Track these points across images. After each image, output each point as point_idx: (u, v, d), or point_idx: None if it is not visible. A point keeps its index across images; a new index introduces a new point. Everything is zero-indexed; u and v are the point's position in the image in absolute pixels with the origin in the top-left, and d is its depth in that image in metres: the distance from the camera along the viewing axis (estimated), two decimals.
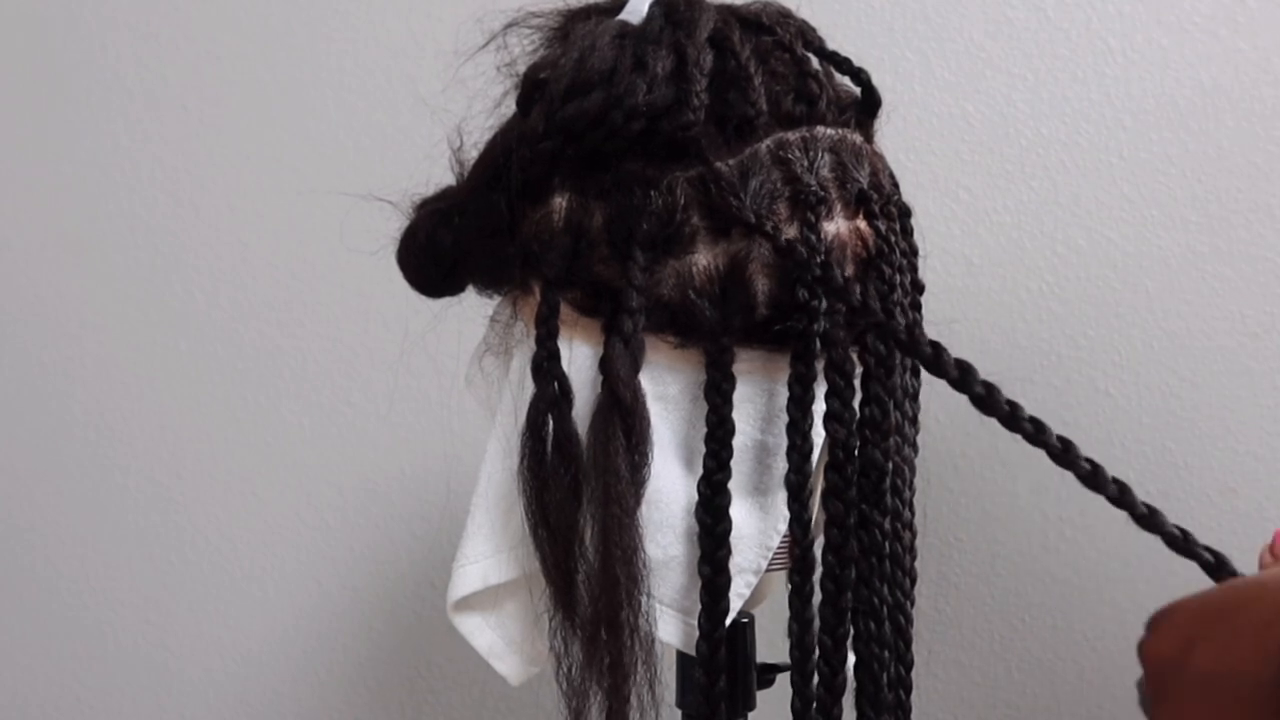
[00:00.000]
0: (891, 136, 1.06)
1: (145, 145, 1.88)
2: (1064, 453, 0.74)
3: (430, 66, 1.72)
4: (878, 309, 0.88)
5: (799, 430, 0.90)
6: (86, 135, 1.90)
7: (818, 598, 0.92)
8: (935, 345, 0.80)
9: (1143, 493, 1.56)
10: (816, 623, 0.92)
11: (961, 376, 0.77)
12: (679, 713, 1.08)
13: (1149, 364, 1.62)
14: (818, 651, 0.91)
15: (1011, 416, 0.76)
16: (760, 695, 1.08)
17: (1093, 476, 0.73)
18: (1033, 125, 1.64)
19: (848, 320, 0.90)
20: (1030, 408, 0.81)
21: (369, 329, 1.83)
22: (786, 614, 0.93)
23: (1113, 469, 1.59)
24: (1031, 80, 1.64)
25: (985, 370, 0.82)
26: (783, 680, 0.97)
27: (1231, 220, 1.59)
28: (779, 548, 0.96)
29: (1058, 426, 1.58)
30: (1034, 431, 0.75)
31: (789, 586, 0.93)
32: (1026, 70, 1.64)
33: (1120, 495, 0.72)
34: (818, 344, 0.89)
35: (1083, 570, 1.67)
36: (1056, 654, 1.69)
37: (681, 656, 1.05)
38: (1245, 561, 1.58)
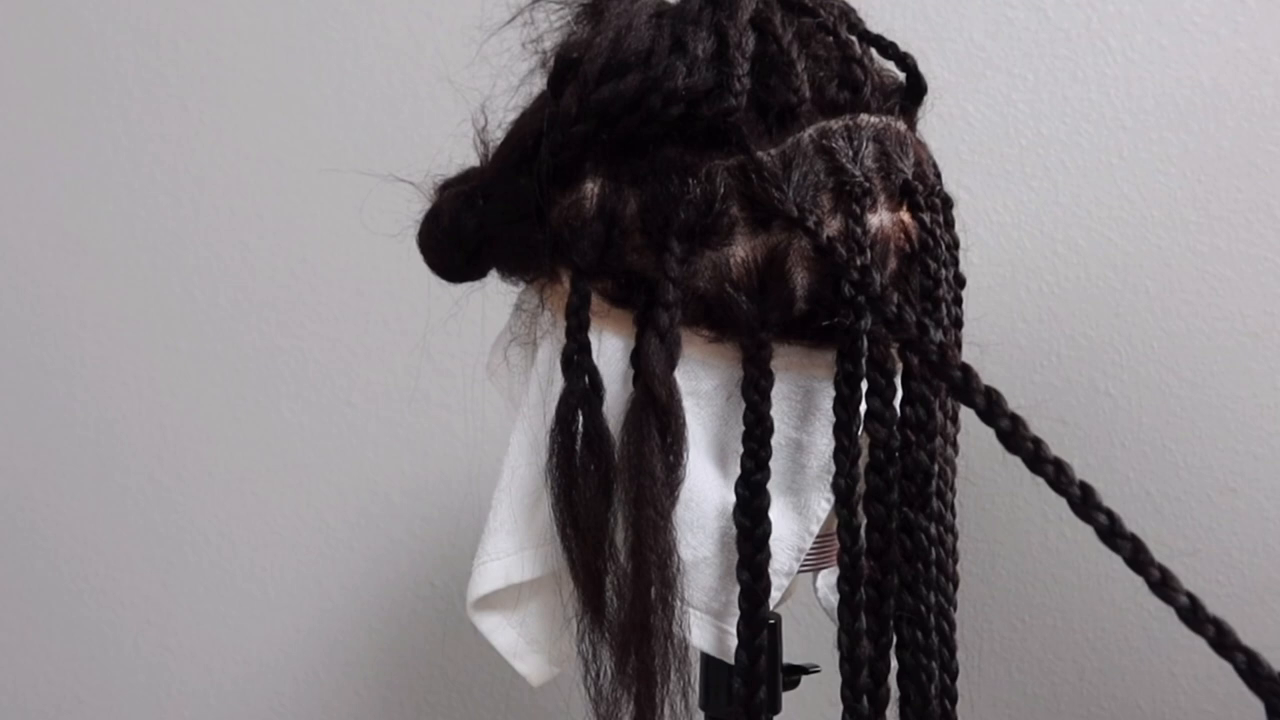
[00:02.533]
0: None
1: (145, 145, 1.87)
2: (1082, 503, 0.68)
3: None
4: (912, 322, 0.82)
5: (847, 431, 0.85)
6: (87, 135, 1.89)
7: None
8: (965, 368, 0.74)
9: (1142, 492, 1.53)
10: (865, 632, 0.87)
11: (988, 407, 0.71)
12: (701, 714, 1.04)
13: (1149, 364, 1.60)
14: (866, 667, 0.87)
15: (1035, 456, 0.69)
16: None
17: (1109, 531, 0.66)
18: (1033, 125, 1.62)
19: (885, 325, 0.85)
20: (1030, 408, 0.75)
21: (369, 329, 1.81)
22: (803, 612, 0.88)
23: (1113, 469, 1.55)
24: (1031, 80, 1.62)
25: (985, 371, 0.76)
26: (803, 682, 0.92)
27: (1231, 220, 1.58)
28: (812, 550, 0.92)
29: (1058, 426, 1.55)
30: (1054, 474, 0.68)
31: (820, 591, 0.90)
32: (1026, 70, 1.63)
33: (1134, 554, 0.66)
34: (864, 342, 0.84)
35: (1083, 570, 1.64)
36: (1056, 654, 1.67)
37: (705, 659, 1.00)
38: (1246, 560, 1.56)
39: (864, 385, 0.86)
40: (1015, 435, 0.70)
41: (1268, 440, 1.58)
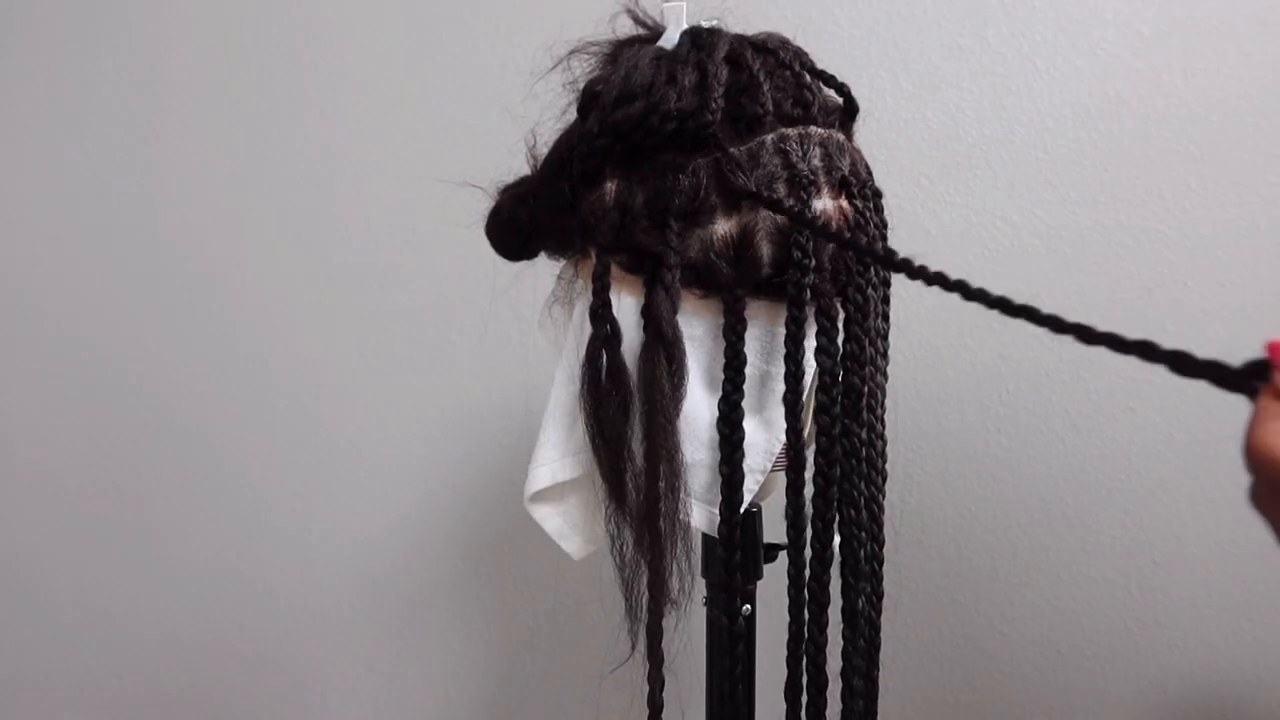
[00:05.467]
0: (868, 135, 1.05)
1: (305, 146, 1.93)
2: (979, 293, 0.72)
3: (512, 83, 1.75)
4: (851, 237, 0.89)
5: (795, 361, 0.91)
6: (270, 141, 1.95)
7: (809, 491, 0.93)
8: (888, 250, 0.80)
9: (1060, 410, 1.55)
10: (809, 509, 0.93)
11: (900, 262, 0.76)
12: (703, 581, 1.10)
13: (1065, 312, 1.60)
14: (810, 531, 0.93)
15: (926, 276, 0.74)
16: (766, 568, 1.10)
17: (1050, 321, 0.69)
18: (977, 127, 1.63)
19: (834, 258, 0.92)
20: (975, 344, 0.81)
21: (464, 286, 1.86)
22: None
23: (1039, 391, 1.58)
24: (976, 92, 1.63)
25: (939, 317, 0.82)
26: (783, 556, 0.98)
27: (1130, 200, 1.59)
28: (779, 454, 0.96)
29: (996, 361, 1.58)
30: (971, 291, 0.73)
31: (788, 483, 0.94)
32: (972, 84, 1.63)
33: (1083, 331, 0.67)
34: (808, 294, 0.90)
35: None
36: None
37: (706, 538, 1.06)
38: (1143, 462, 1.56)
39: (814, 328, 0.91)
40: (911, 269, 0.75)
41: (1156, 371, 1.60)
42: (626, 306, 0.94)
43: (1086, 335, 0.64)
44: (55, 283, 2.05)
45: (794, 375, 0.92)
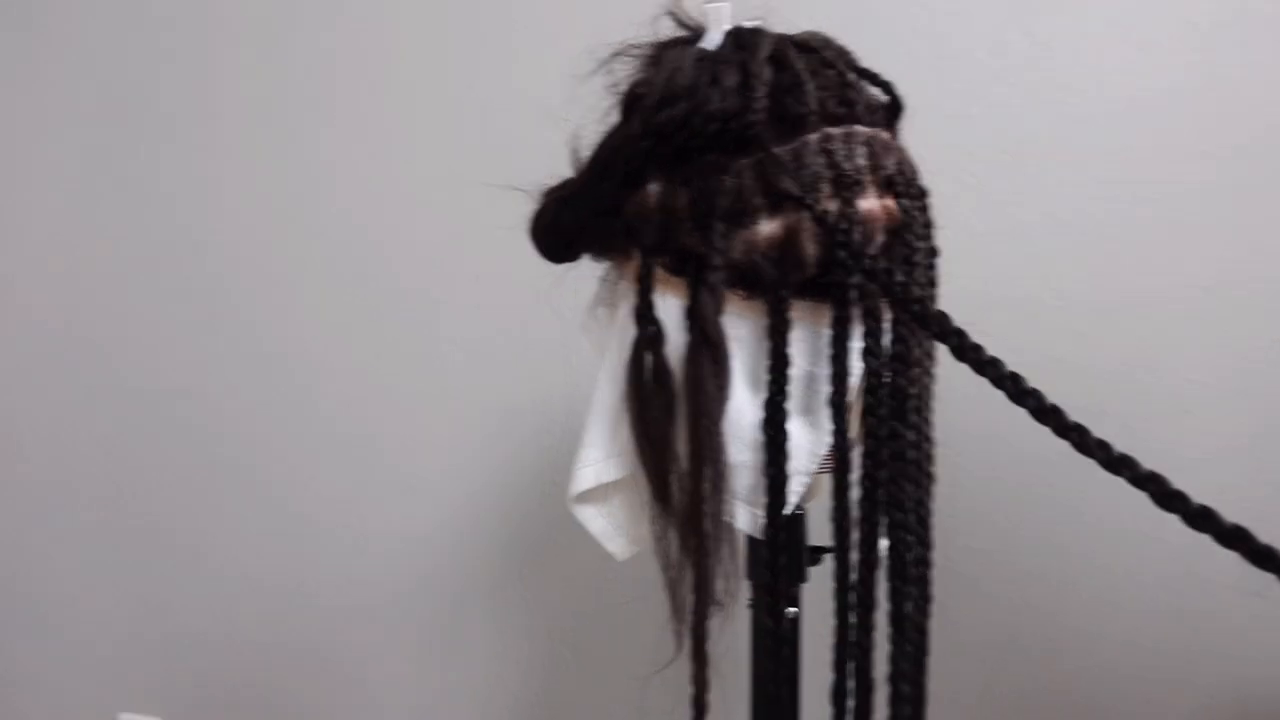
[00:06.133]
0: (914, 133, 1.05)
1: (352, 150, 1.97)
2: (1015, 390, 0.71)
3: (556, 87, 1.74)
4: (895, 278, 0.88)
5: (840, 362, 0.91)
6: (309, 146, 1.99)
7: (856, 494, 0.93)
8: (922, 300, 0.80)
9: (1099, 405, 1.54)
10: (855, 513, 0.93)
11: (940, 327, 0.76)
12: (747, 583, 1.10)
13: (1119, 310, 1.61)
14: (857, 535, 0.92)
15: (979, 360, 0.74)
16: (814, 571, 1.10)
17: (1079, 436, 0.69)
18: (1025, 123, 1.62)
19: (867, 276, 0.90)
20: (1007, 340, 0.80)
21: (507, 288, 1.87)
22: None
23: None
24: (1023, 88, 1.62)
25: (983, 314, 0.81)
26: (828, 560, 0.98)
27: (1186, 196, 1.58)
28: (825, 456, 0.96)
29: (1035, 356, 1.57)
30: (994, 372, 0.73)
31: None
32: (1019, 80, 1.62)
33: (1109, 457, 0.68)
34: (853, 295, 0.90)
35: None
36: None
37: (751, 540, 1.06)
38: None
39: (861, 328, 0.91)
40: (962, 346, 0.75)
41: (1212, 363, 1.59)
42: (670, 308, 0.93)
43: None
44: (64, 283, 2.10)
45: (839, 376, 0.91)
